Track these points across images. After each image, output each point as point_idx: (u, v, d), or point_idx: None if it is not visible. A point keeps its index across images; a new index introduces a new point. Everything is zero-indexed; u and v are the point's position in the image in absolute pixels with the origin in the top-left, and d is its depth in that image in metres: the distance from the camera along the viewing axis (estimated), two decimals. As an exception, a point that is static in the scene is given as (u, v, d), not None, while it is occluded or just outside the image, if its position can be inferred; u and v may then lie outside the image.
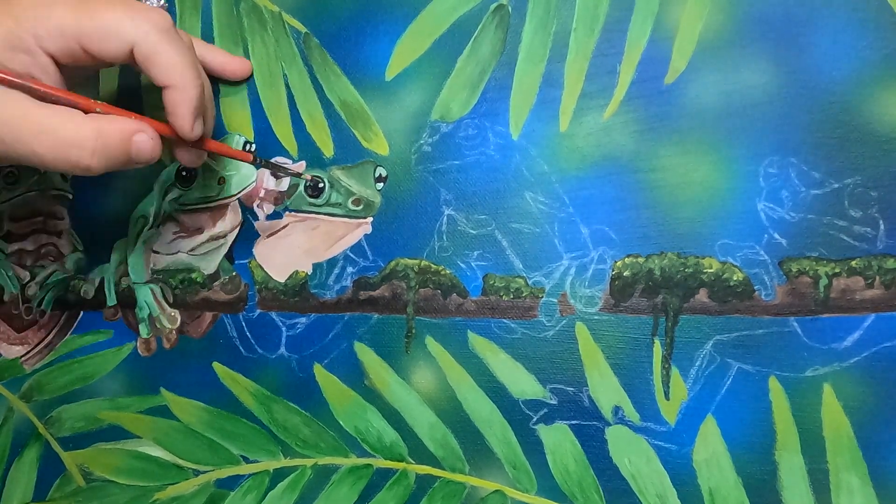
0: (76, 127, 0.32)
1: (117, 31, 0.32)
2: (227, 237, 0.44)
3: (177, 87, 0.34)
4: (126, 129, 0.33)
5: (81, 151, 0.32)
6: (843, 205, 0.34)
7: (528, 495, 0.38)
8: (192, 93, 0.34)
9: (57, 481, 0.46)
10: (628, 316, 0.37)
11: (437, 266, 0.40)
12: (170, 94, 0.34)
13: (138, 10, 0.33)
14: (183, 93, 0.34)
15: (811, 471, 0.34)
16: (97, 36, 0.32)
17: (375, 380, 0.41)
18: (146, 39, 0.33)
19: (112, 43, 0.32)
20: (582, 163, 0.38)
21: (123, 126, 0.33)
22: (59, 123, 0.32)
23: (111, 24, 0.32)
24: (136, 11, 0.33)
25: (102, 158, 0.33)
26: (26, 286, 0.47)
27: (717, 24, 0.36)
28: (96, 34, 0.32)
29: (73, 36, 0.32)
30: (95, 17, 0.32)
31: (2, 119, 0.31)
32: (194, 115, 0.35)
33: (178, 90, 0.34)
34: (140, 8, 0.33)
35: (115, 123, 0.33)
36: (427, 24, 0.40)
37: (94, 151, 0.32)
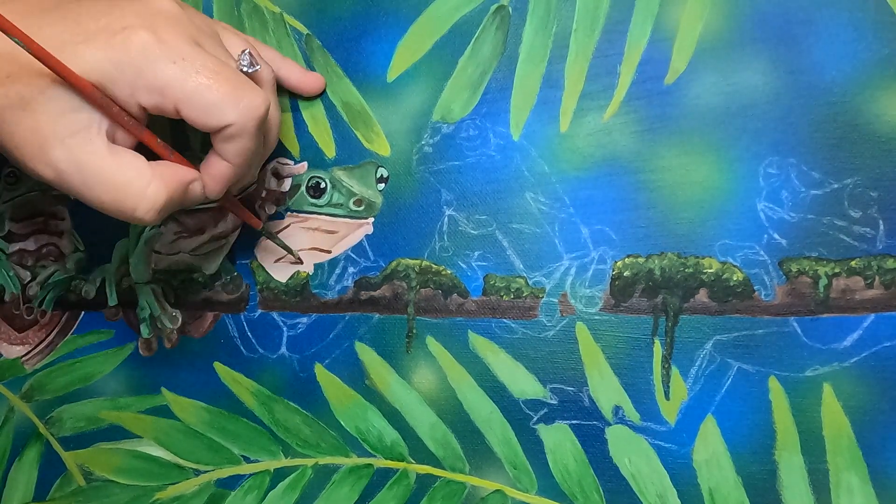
0: (145, 184, 0.31)
1: (220, 112, 0.31)
2: (228, 237, 0.44)
3: (231, 165, 0.34)
4: (185, 179, 0.33)
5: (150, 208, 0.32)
6: (843, 205, 0.34)
7: (529, 495, 0.38)
8: (238, 174, 0.34)
9: (57, 481, 0.46)
10: (628, 316, 0.37)
11: (438, 266, 0.40)
12: (221, 165, 0.34)
13: (245, 93, 0.32)
14: (231, 171, 0.34)
15: (811, 470, 0.34)
16: (198, 109, 0.31)
17: (376, 380, 0.41)
18: (241, 125, 0.32)
19: (209, 119, 0.31)
20: (582, 163, 0.38)
21: (184, 177, 0.33)
22: (128, 179, 0.31)
23: (216, 102, 0.31)
24: (242, 94, 0.31)
25: (163, 214, 0.32)
26: (27, 286, 0.47)
27: (717, 24, 0.36)
28: (198, 107, 0.31)
29: (172, 99, 0.31)
30: (203, 90, 0.31)
31: (75, 161, 0.30)
32: (226, 188, 0.35)
33: (229, 168, 0.34)
34: (246, 89, 0.32)
35: (177, 175, 0.33)
36: (428, 26, 0.40)
37: (162, 209, 0.32)
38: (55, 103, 0.30)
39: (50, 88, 0.30)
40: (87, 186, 0.31)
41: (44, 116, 0.30)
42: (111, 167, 0.31)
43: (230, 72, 0.32)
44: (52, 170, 0.30)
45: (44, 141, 0.30)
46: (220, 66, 0.32)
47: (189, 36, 0.32)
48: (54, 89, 0.30)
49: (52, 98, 0.30)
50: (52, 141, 0.30)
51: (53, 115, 0.30)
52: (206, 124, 0.32)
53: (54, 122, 0.30)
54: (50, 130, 0.30)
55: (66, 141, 0.30)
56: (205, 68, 0.31)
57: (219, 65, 0.32)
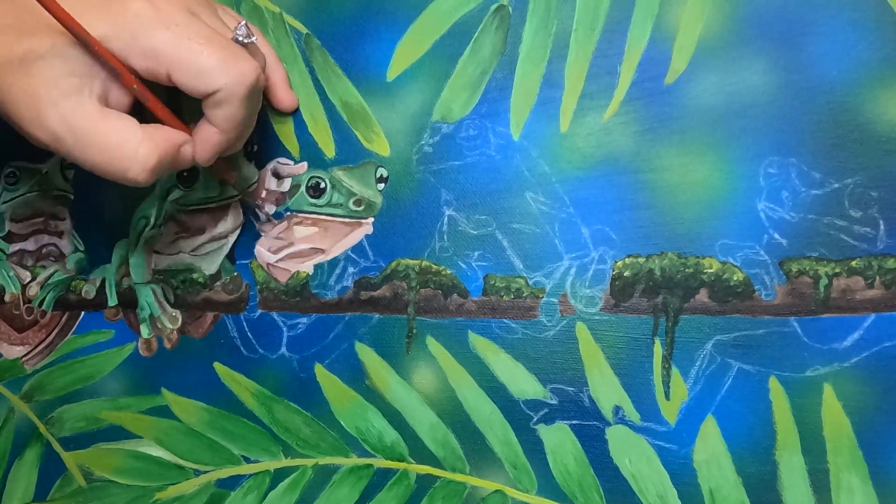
0: (138, 144, 0.32)
1: (209, 77, 0.32)
2: (228, 238, 0.44)
3: (221, 132, 0.35)
4: (177, 141, 0.34)
5: (141, 169, 0.33)
6: (843, 205, 0.34)
7: (529, 495, 0.38)
8: (227, 141, 0.35)
9: (58, 481, 0.46)
10: (629, 316, 0.37)
11: (438, 266, 0.40)
12: (210, 132, 0.35)
13: (234, 60, 0.33)
14: (221, 139, 0.35)
15: (811, 471, 0.34)
16: (189, 74, 0.32)
17: (376, 380, 0.41)
18: (230, 90, 0.33)
19: (199, 84, 0.32)
20: (582, 163, 0.38)
21: (175, 139, 0.34)
22: (120, 140, 0.32)
23: (206, 68, 0.32)
24: (233, 61, 0.33)
25: (154, 174, 0.33)
26: (27, 286, 0.47)
27: (718, 24, 0.36)
28: (189, 72, 0.32)
29: (165, 63, 0.32)
30: (194, 55, 0.32)
31: (68, 123, 0.31)
32: (215, 155, 0.36)
33: (218, 135, 0.35)
34: (237, 56, 0.33)
35: (169, 137, 0.34)
36: (428, 25, 0.40)
37: (153, 169, 0.33)
38: (51, 68, 0.31)
39: (48, 55, 0.31)
40: (81, 148, 0.32)
41: (40, 80, 0.31)
42: (103, 129, 0.32)
43: (223, 40, 0.33)
44: (47, 132, 0.32)
45: (39, 104, 0.31)
46: (212, 35, 0.33)
47: (184, 6, 0.33)
48: (51, 56, 0.31)
49: (49, 64, 0.31)
50: (47, 104, 0.31)
51: (49, 79, 0.31)
52: (195, 89, 0.33)
53: (49, 85, 0.31)
54: (44, 93, 0.31)
55: (60, 104, 0.31)
56: (198, 35, 0.32)
57: (212, 33, 0.33)
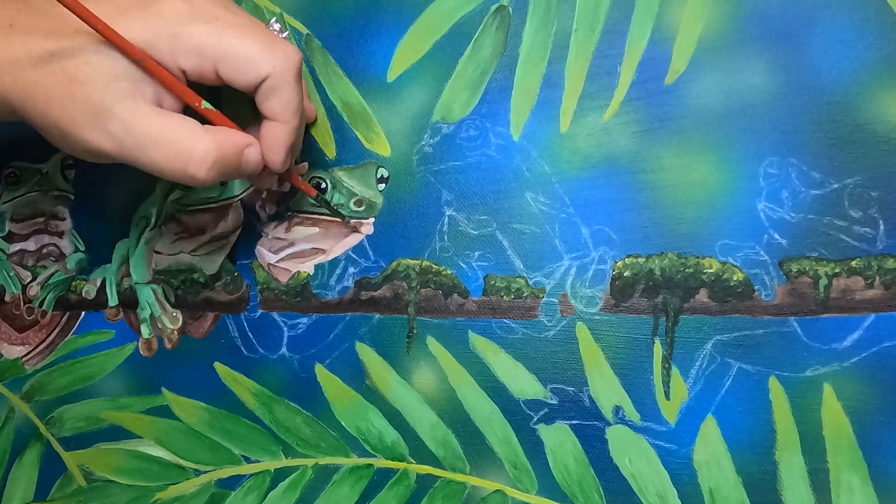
0: (197, 140, 0.32)
1: (256, 64, 0.32)
2: (229, 238, 0.44)
3: (284, 124, 0.34)
4: (240, 143, 0.34)
5: (200, 165, 0.32)
6: (843, 205, 0.34)
7: (529, 495, 0.38)
8: (294, 132, 0.35)
9: (58, 481, 0.46)
10: (629, 316, 0.37)
11: (439, 266, 0.40)
12: (273, 127, 0.34)
13: (277, 45, 0.33)
14: (286, 131, 0.34)
15: (811, 470, 0.34)
16: (236, 64, 0.32)
17: (377, 380, 0.41)
18: (279, 75, 0.33)
19: (247, 73, 0.32)
20: (582, 163, 0.38)
21: (237, 140, 0.34)
22: (180, 136, 0.32)
23: (252, 55, 0.32)
24: (275, 45, 0.32)
25: (217, 172, 0.33)
26: (28, 286, 0.47)
27: (718, 24, 0.36)
28: (235, 62, 0.32)
29: (210, 58, 0.32)
30: (238, 44, 0.32)
31: (127, 126, 0.31)
32: (287, 153, 0.35)
33: (282, 128, 0.34)
34: (278, 42, 0.33)
35: (230, 137, 0.33)
36: (428, 26, 0.40)
37: (213, 165, 0.32)
38: (100, 73, 0.31)
39: (94, 59, 0.31)
40: (141, 149, 0.32)
41: (92, 87, 0.31)
42: (161, 127, 0.32)
43: (262, 28, 0.33)
44: (108, 136, 0.31)
45: (97, 109, 0.31)
46: (251, 24, 0.33)
47: (219, 2, 0.33)
48: (98, 59, 0.31)
49: (97, 68, 0.31)
50: (103, 109, 0.31)
51: (101, 85, 0.31)
52: (245, 80, 0.32)
53: (102, 90, 0.31)
54: (99, 99, 0.31)
55: (116, 107, 0.31)
56: (237, 25, 0.32)
57: (250, 22, 0.33)
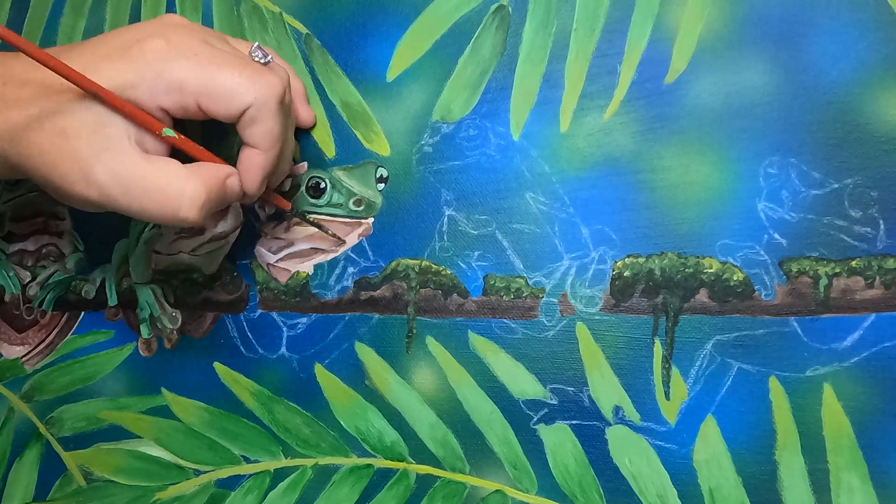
0: (184, 182, 0.32)
1: (238, 95, 0.32)
2: (228, 238, 0.44)
3: (261, 152, 0.34)
4: (220, 175, 0.34)
5: (191, 208, 0.32)
6: (843, 205, 0.34)
7: (529, 495, 0.38)
8: (270, 161, 0.35)
9: (58, 481, 0.46)
10: (629, 316, 0.37)
11: (438, 266, 0.40)
12: (253, 154, 0.35)
13: (258, 75, 0.33)
14: (263, 158, 0.35)
15: (811, 470, 0.34)
16: (217, 97, 0.32)
17: (376, 380, 0.41)
18: (261, 104, 0.33)
19: (229, 105, 0.32)
20: (582, 163, 0.38)
21: (219, 173, 0.34)
22: (166, 182, 0.32)
23: (233, 88, 0.32)
24: (256, 76, 0.32)
25: (206, 211, 0.33)
26: (27, 286, 0.47)
27: (718, 24, 0.36)
28: (216, 95, 0.32)
29: (192, 93, 0.32)
30: (218, 77, 0.32)
31: (113, 174, 0.31)
32: (265, 179, 0.35)
33: (261, 155, 0.34)
34: (259, 72, 0.33)
35: (213, 173, 0.33)
36: (428, 25, 0.40)
37: (203, 206, 0.32)
38: (85, 122, 0.31)
39: (78, 112, 0.31)
40: (130, 197, 0.31)
41: (78, 139, 0.31)
42: (148, 173, 0.32)
43: (243, 59, 0.33)
44: (96, 188, 0.31)
45: (84, 162, 0.31)
46: (231, 57, 0.33)
47: (199, 37, 0.33)
48: (82, 112, 0.31)
49: (82, 118, 0.31)
50: (91, 160, 0.31)
51: (86, 134, 0.31)
52: (227, 111, 0.32)
53: (88, 140, 0.31)
54: (86, 150, 0.31)
55: (102, 156, 0.31)
56: (218, 59, 0.32)
57: (230, 56, 0.33)
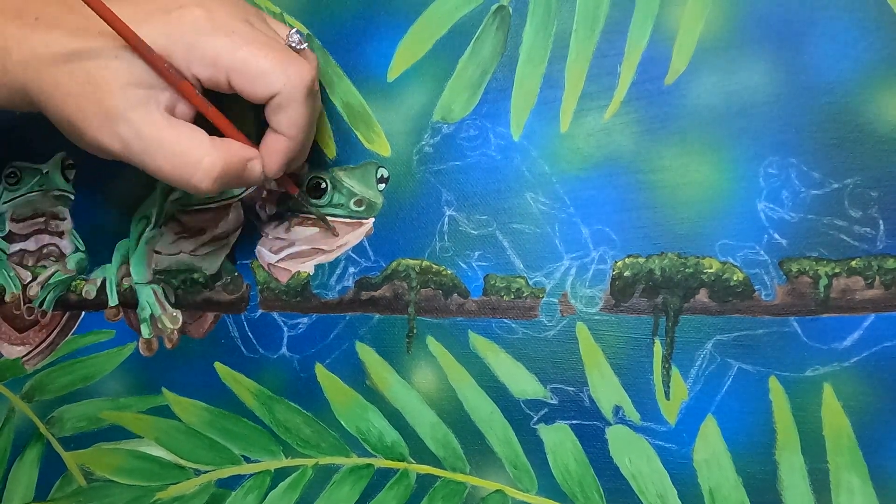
0: (205, 152, 0.33)
1: (269, 80, 0.33)
2: (229, 238, 0.44)
3: (286, 138, 0.35)
4: (245, 156, 0.35)
5: (205, 176, 0.33)
6: (843, 205, 0.34)
7: (529, 495, 0.38)
8: (294, 147, 0.36)
9: (58, 481, 0.46)
10: (629, 316, 0.37)
11: (439, 266, 0.40)
12: (276, 140, 0.35)
13: (292, 62, 0.33)
14: (287, 144, 0.35)
15: (811, 470, 0.34)
16: (249, 76, 0.33)
17: (377, 380, 0.41)
18: (289, 92, 0.33)
19: (259, 87, 0.33)
20: (583, 163, 0.38)
21: (243, 154, 0.35)
22: (189, 146, 0.33)
23: (266, 70, 0.33)
24: (290, 62, 0.33)
25: (220, 184, 0.34)
26: (28, 286, 0.47)
27: (718, 24, 0.36)
28: (249, 75, 0.33)
29: (224, 69, 0.32)
30: (252, 59, 0.32)
31: (137, 131, 0.32)
32: (286, 164, 0.36)
33: (285, 142, 0.35)
34: (293, 59, 0.33)
35: (237, 151, 0.34)
36: (428, 26, 0.40)
37: (217, 178, 0.33)
38: (119, 75, 0.32)
39: (113, 63, 0.32)
40: (149, 155, 0.32)
41: (107, 90, 0.32)
42: (171, 137, 0.32)
43: (278, 45, 0.34)
44: (118, 140, 0.32)
45: (109, 113, 0.32)
46: (268, 40, 0.33)
47: (239, 14, 0.34)
48: (116, 64, 0.32)
49: (115, 73, 0.32)
50: (117, 114, 0.32)
51: (116, 89, 0.32)
52: (255, 93, 0.33)
53: (117, 95, 0.32)
54: (113, 103, 0.32)
55: (129, 114, 0.32)
56: (255, 40, 0.33)
57: (267, 39, 0.34)
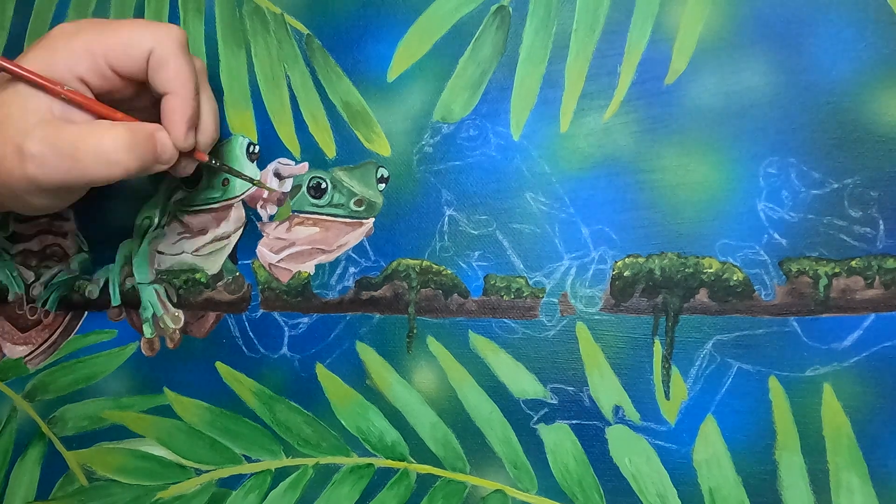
0: (108, 129, 0.34)
1: (138, 42, 0.35)
2: (230, 238, 0.44)
3: (176, 95, 0.36)
4: (147, 128, 0.36)
5: (118, 150, 0.34)
6: (843, 205, 0.34)
7: (529, 495, 0.38)
8: (188, 103, 0.36)
9: (60, 481, 0.46)
10: (629, 316, 0.37)
11: (439, 266, 0.40)
12: (168, 101, 0.36)
13: (156, 24, 0.36)
14: (180, 101, 0.36)
15: (811, 470, 0.34)
16: (120, 48, 0.35)
17: (377, 379, 0.41)
18: (162, 47, 0.35)
19: (133, 52, 0.35)
20: (582, 163, 0.38)
21: (144, 127, 0.36)
22: (93, 132, 0.34)
23: (132, 35, 0.35)
24: (154, 25, 0.36)
25: (136, 156, 0.35)
26: (31, 286, 0.47)
27: (718, 25, 0.36)
28: (119, 46, 0.35)
29: (100, 53, 0.35)
30: (117, 32, 0.35)
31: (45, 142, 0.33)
32: (188, 125, 0.37)
33: (175, 97, 0.36)
34: (157, 23, 0.36)
35: (137, 125, 0.35)
36: (428, 26, 0.40)
37: (129, 148, 0.34)
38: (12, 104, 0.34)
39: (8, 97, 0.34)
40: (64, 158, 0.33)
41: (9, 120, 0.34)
42: (75, 132, 0.34)
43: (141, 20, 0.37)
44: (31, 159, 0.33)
45: (16, 139, 0.33)
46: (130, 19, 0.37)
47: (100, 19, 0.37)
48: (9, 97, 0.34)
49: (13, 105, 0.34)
50: (22, 135, 0.33)
51: (18, 116, 0.34)
52: (134, 62, 0.35)
53: (18, 119, 0.34)
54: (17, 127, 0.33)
55: (31, 131, 0.33)
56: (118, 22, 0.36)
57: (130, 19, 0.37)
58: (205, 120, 0.38)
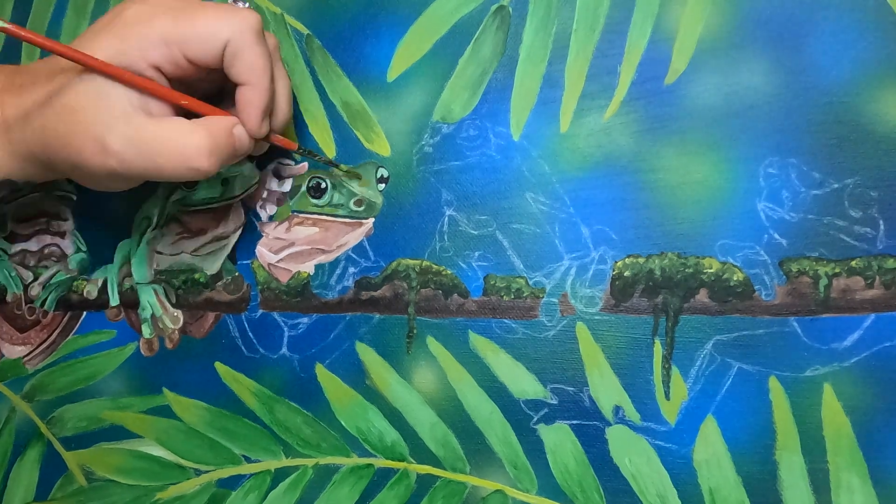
0: (190, 133, 0.34)
1: (214, 32, 0.34)
2: (229, 238, 0.44)
3: (252, 86, 0.35)
4: (226, 124, 0.35)
5: (200, 156, 0.34)
6: (843, 205, 0.34)
7: (529, 495, 0.38)
8: (264, 94, 0.36)
9: (59, 481, 0.46)
10: (629, 316, 0.37)
11: (439, 266, 0.40)
12: (244, 91, 0.35)
13: (232, 12, 0.34)
14: (256, 92, 0.35)
15: (811, 470, 0.34)
16: (197, 39, 0.34)
17: (377, 380, 0.41)
18: (238, 38, 0.34)
19: (210, 44, 0.34)
20: (582, 163, 0.38)
21: (224, 123, 0.35)
22: (174, 136, 0.34)
23: (209, 26, 0.34)
24: (230, 13, 0.34)
25: (217, 158, 0.34)
26: (29, 286, 0.47)
27: (718, 25, 0.36)
28: (196, 38, 0.34)
29: (175, 43, 0.33)
30: (194, 21, 0.34)
31: (126, 138, 0.33)
32: (263, 115, 0.36)
33: (252, 89, 0.35)
34: (233, 9, 0.35)
35: (217, 122, 0.35)
36: (428, 26, 0.40)
37: (211, 153, 0.34)
38: (88, 95, 0.33)
39: (81, 86, 0.33)
40: (145, 157, 0.33)
41: (85, 112, 0.33)
42: (157, 131, 0.33)
43: (216, 4, 0.35)
44: (114, 156, 0.33)
45: (96, 133, 0.33)
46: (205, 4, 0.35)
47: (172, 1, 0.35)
48: (84, 86, 0.33)
49: (87, 94, 0.33)
50: (102, 129, 0.33)
51: (91, 107, 0.33)
52: (209, 53, 0.34)
53: (94, 112, 0.33)
54: (95, 121, 0.33)
55: (111, 124, 0.33)
56: (190, 7, 0.34)
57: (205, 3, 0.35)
58: (279, 103, 0.38)
